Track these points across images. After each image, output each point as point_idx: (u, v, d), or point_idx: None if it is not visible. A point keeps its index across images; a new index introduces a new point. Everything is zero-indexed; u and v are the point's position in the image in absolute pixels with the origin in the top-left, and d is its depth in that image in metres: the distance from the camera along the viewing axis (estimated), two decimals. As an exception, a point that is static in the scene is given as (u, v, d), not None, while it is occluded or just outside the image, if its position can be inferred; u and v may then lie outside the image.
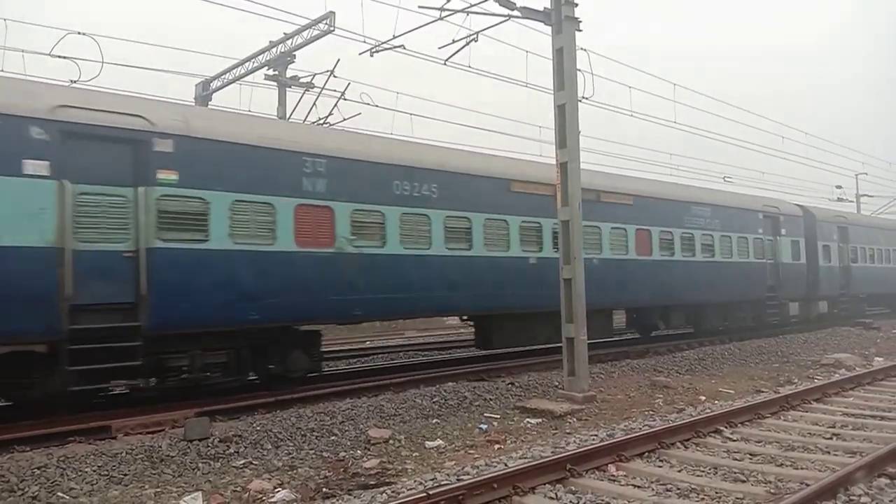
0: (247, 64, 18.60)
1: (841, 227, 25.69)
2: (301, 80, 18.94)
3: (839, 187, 36.55)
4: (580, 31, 11.25)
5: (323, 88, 17.85)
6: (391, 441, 8.37)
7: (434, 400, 10.56)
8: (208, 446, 7.90)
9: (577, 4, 11.22)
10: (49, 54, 13.77)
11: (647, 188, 17.91)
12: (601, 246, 15.73)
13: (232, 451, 7.85)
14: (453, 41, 12.50)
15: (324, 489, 6.43)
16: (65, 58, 13.67)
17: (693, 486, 6.04)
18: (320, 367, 12.43)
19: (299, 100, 18.54)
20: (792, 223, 22.81)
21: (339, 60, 17.25)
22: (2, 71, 12.85)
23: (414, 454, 7.87)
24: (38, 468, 6.93)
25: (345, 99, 17.62)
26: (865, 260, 27.12)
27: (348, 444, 8.27)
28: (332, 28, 15.71)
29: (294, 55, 18.19)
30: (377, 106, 17.45)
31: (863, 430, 8.33)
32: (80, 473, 6.90)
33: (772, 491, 5.84)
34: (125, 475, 6.96)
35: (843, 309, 25.55)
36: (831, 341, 19.59)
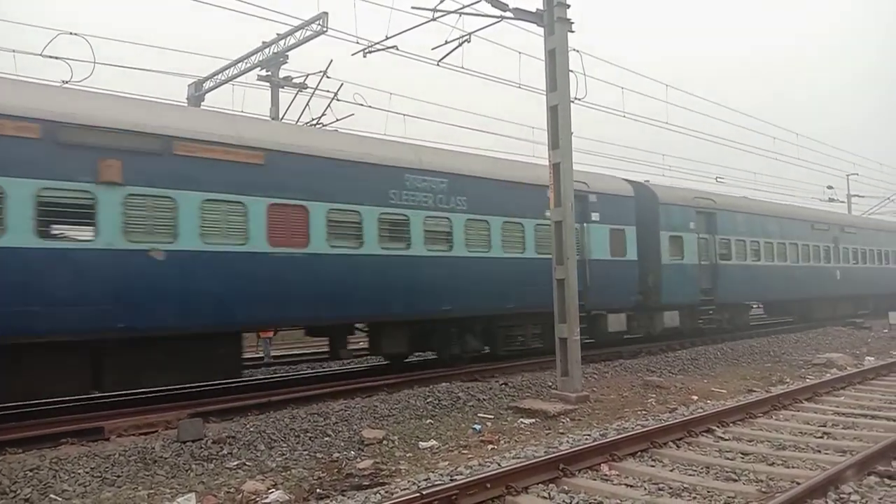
0: (239, 64, 18.62)
1: (704, 213, 19.36)
2: (294, 81, 18.96)
3: (830, 188, 36.82)
4: (572, 32, 11.29)
5: (316, 89, 17.87)
6: (385, 441, 8.38)
7: (428, 400, 10.58)
8: (202, 447, 7.88)
9: (569, 6, 11.26)
10: (41, 55, 13.73)
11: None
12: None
13: (225, 452, 7.84)
14: (446, 42, 12.53)
15: (318, 490, 6.44)
16: (56, 58, 13.65)
17: (685, 486, 6.07)
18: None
19: (292, 100, 18.56)
20: (612, 205, 16.47)
21: (331, 61, 17.27)
22: (-7, 71, 12.77)
23: (408, 454, 7.88)
24: (31, 470, 6.90)
25: (338, 99, 17.66)
26: (746, 257, 21.02)
27: (342, 444, 8.27)
28: (324, 29, 15.75)
29: (287, 56, 18.22)
30: (370, 106, 17.49)
31: (853, 429, 8.39)
32: (72, 475, 6.88)
33: (763, 490, 5.87)
34: (118, 477, 6.94)
35: (710, 321, 19.59)
36: (823, 341, 19.72)
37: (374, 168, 12.07)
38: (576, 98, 11.93)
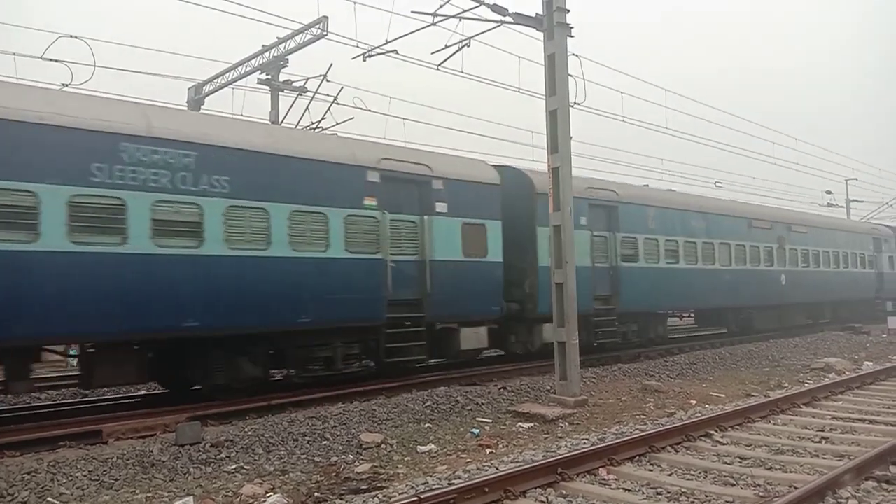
0: (240, 68, 18.65)
1: (601, 207, 16.32)
2: (294, 85, 18.99)
3: (829, 192, 36.85)
4: (572, 37, 11.33)
5: (316, 93, 17.88)
6: (383, 445, 8.37)
7: (426, 404, 10.57)
8: (200, 451, 7.87)
9: (568, 11, 11.29)
10: (41, 58, 13.76)
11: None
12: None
13: (223, 455, 7.83)
14: (446, 46, 12.57)
15: (315, 494, 6.43)
16: (57, 61, 13.67)
17: (683, 490, 6.07)
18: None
19: (292, 104, 18.58)
20: (467, 194, 13.47)
21: (331, 65, 17.29)
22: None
23: (406, 458, 7.88)
24: (29, 473, 6.89)
25: (338, 103, 17.67)
26: (659, 258, 17.75)
27: (340, 448, 8.27)
28: (325, 32, 15.77)
29: (287, 59, 18.24)
30: (370, 110, 17.52)
31: (851, 433, 8.40)
32: (70, 478, 6.87)
33: (761, 494, 5.88)
34: (116, 480, 6.93)
35: (610, 334, 16.15)
36: (822, 346, 19.74)
37: (63, 133, 8.76)
38: (575, 102, 11.96)
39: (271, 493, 6.45)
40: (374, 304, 11.72)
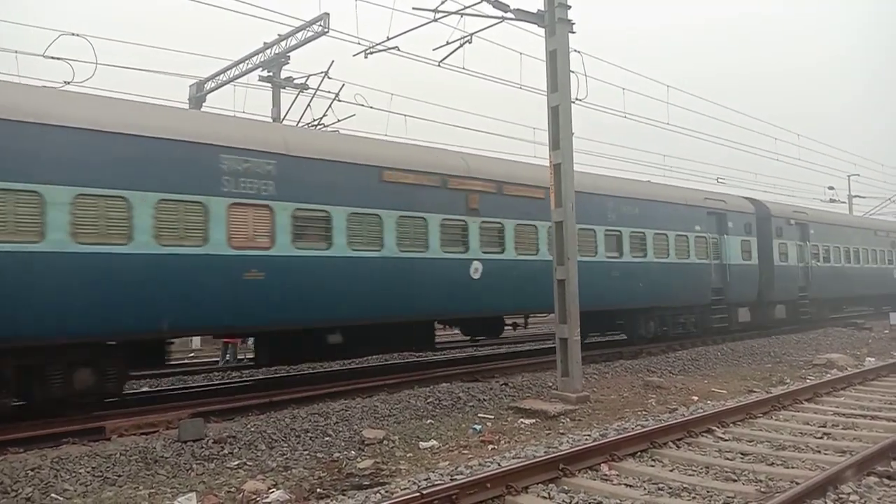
0: (241, 65, 18.61)
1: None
2: (295, 82, 18.97)
3: (831, 188, 36.76)
4: (573, 33, 11.31)
5: (317, 90, 17.86)
6: (385, 441, 8.39)
7: (428, 400, 10.59)
8: (202, 447, 7.90)
9: (570, 7, 11.28)
10: (42, 55, 13.75)
11: None
12: None
13: (226, 451, 7.85)
14: (447, 43, 12.55)
15: (318, 490, 6.46)
16: (58, 59, 13.66)
17: (685, 486, 6.08)
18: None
19: (293, 101, 18.56)
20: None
21: (333, 62, 17.27)
22: (-5, 72, 12.77)
23: (408, 454, 7.90)
24: (32, 469, 6.92)
25: (339, 100, 17.65)
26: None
27: (342, 444, 8.29)
28: (326, 29, 15.73)
29: (288, 56, 18.21)
30: (371, 107, 17.49)
31: (853, 429, 8.40)
32: (74, 475, 6.91)
33: (762, 490, 5.89)
34: (119, 476, 6.96)
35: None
36: (824, 342, 19.72)
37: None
38: (576, 99, 11.95)
39: (274, 489, 6.47)
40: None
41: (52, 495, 6.42)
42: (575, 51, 11.56)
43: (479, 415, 9.97)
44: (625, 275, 16.31)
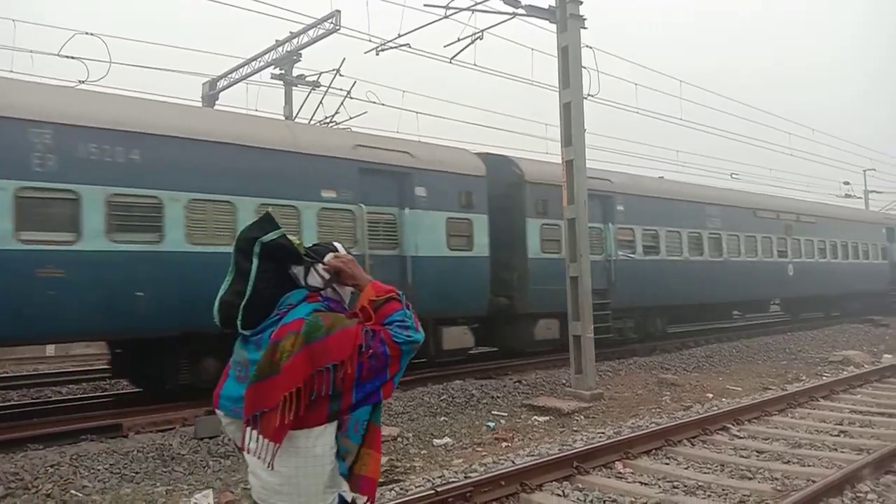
0: (253, 63, 18.67)
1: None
2: (307, 79, 19.02)
3: (846, 183, 36.34)
4: (585, 28, 11.26)
5: (329, 87, 17.89)
6: (399, 439, 8.41)
7: (442, 398, 10.60)
8: (219, 444, 7.94)
9: (581, 2, 11.22)
10: (57, 54, 13.88)
11: None
12: None
13: (242, 448, 7.89)
14: (458, 39, 12.57)
15: (333, 487, 6.48)
16: (73, 58, 13.79)
17: (700, 484, 6.06)
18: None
19: (305, 99, 18.62)
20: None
21: (344, 59, 17.29)
22: (11, 72, 12.93)
23: (422, 452, 7.92)
24: (52, 466, 7.00)
25: (351, 97, 17.67)
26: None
27: (357, 441, 8.30)
28: (337, 27, 15.75)
29: (300, 54, 18.26)
30: (383, 104, 17.52)
31: (870, 427, 8.33)
32: (92, 471, 6.98)
33: (778, 488, 5.85)
34: (136, 473, 7.03)
35: None
36: (840, 338, 19.54)
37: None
38: (589, 94, 11.91)
39: (289, 486, 6.50)
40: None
41: (72, 491, 6.49)
42: (587, 46, 11.52)
43: (493, 412, 9.98)
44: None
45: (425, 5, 12.05)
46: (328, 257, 2.73)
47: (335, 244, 2.86)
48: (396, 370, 2.60)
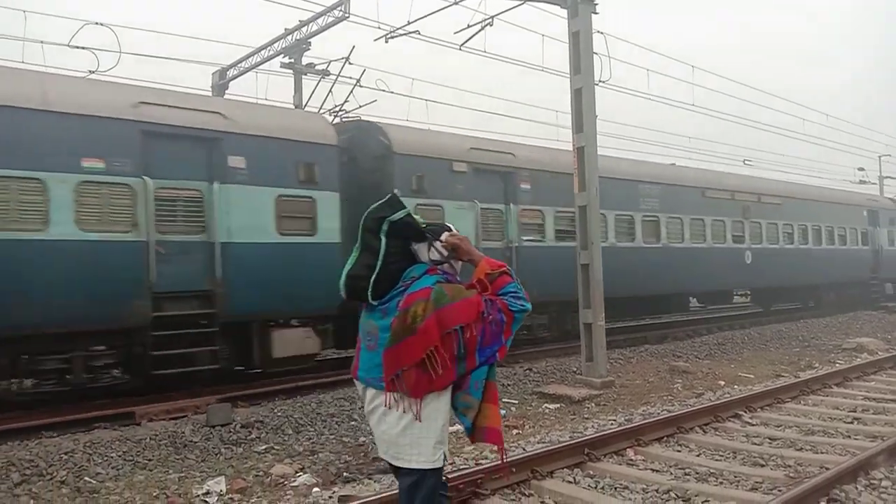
0: (262, 52, 18.62)
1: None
2: (317, 68, 18.95)
3: (861, 169, 35.90)
4: (596, 13, 11.13)
5: (338, 76, 17.83)
6: (410, 426, 8.41)
7: (452, 386, 10.59)
8: (230, 432, 8.01)
9: (593, -13, 11.09)
10: (68, 45, 13.91)
11: None
12: None
13: (254, 436, 7.95)
14: (468, 26, 12.49)
15: (344, 473, 6.51)
16: (83, 48, 13.81)
17: (712, 471, 6.03)
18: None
19: (315, 87, 18.56)
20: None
21: (353, 47, 17.22)
22: (21, 62, 12.97)
23: (433, 439, 7.91)
24: (66, 453, 7.07)
25: (360, 86, 17.59)
26: None
27: (368, 429, 8.32)
28: (346, 14, 15.66)
29: (309, 42, 18.17)
30: (392, 92, 17.45)
31: (884, 414, 8.26)
32: (105, 458, 7.04)
33: (791, 475, 5.81)
34: (149, 460, 7.09)
35: None
36: (854, 326, 19.39)
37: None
38: (600, 81, 11.80)
39: (301, 473, 6.54)
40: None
41: (86, 478, 6.55)
42: (598, 32, 11.40)
43: (503, 399, 9.95)
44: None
45: (435, -9, 11.98)
46: (444, 236, 3.13)
47: (448, 224, 3.28)
48: (509, 335, 3.03)
